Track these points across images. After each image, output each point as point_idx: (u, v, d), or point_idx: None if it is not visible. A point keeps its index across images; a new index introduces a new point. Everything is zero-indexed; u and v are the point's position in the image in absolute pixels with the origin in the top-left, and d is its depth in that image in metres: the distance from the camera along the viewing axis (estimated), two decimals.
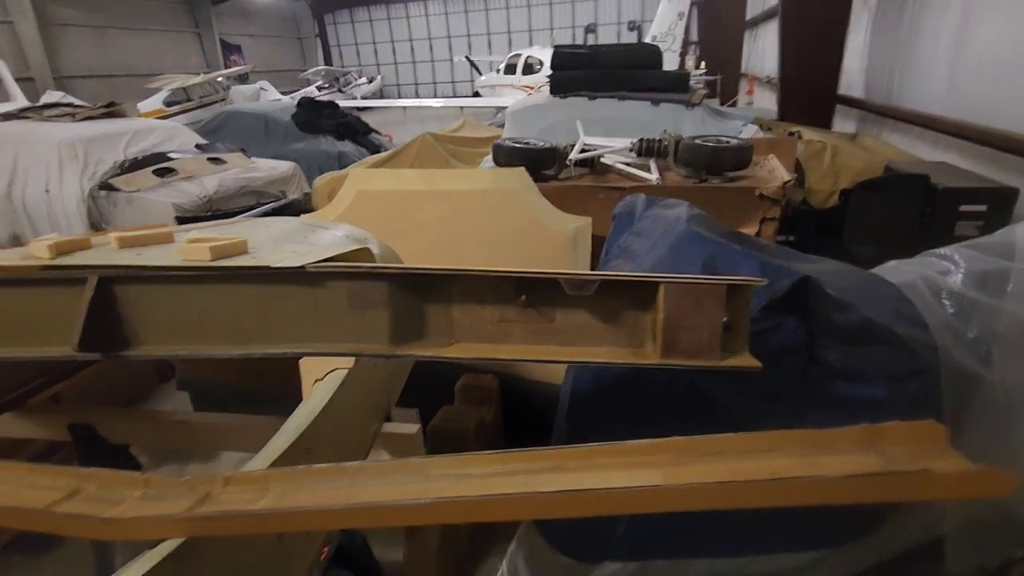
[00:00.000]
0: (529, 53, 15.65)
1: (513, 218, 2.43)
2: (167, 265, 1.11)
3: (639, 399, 1.36)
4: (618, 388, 1.46)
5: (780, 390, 1.28)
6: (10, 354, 1.15)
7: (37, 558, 2.34)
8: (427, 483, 0.66)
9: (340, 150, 7.94)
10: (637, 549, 1.53)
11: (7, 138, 5.16)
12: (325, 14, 28.82)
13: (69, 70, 17.66)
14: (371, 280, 1.11)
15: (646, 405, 1.34)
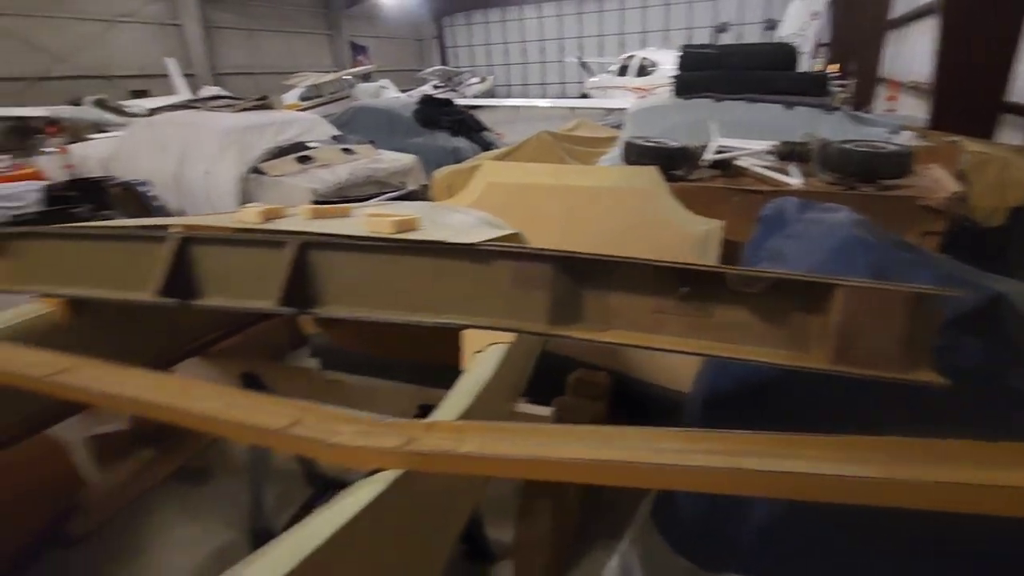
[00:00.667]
0: (643, 55, 15.33)
1: (641, 216, 2.42)
2: (357, 235, 1.24)
3: (787, 408, 1.31)
4: (763, 395, 1.41)
5: (956, 416, 1.18)
6: (222, 304, 1.35)
7: (197, 487, 2.71)
8: (621, 449, 0.69)
9: (455, 146, 8.28)
10: (765, 566, 1.48)
11: (180, 124, 5.94)
12: (444, 17, 30.13)
13: (223, 67, 19.92)
14: (535, 261, 1.17)
15: (796, 414, 1.29)
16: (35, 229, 1.52)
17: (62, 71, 15.81)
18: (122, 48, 17.19)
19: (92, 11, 16.39)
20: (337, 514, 0.72)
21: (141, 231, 1.42)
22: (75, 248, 1.49)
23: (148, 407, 0.92)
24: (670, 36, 24.89)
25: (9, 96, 14.59)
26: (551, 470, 0.71)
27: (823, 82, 4.46)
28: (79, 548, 2.33)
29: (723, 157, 3.06)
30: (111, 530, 2.43)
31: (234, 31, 20.40)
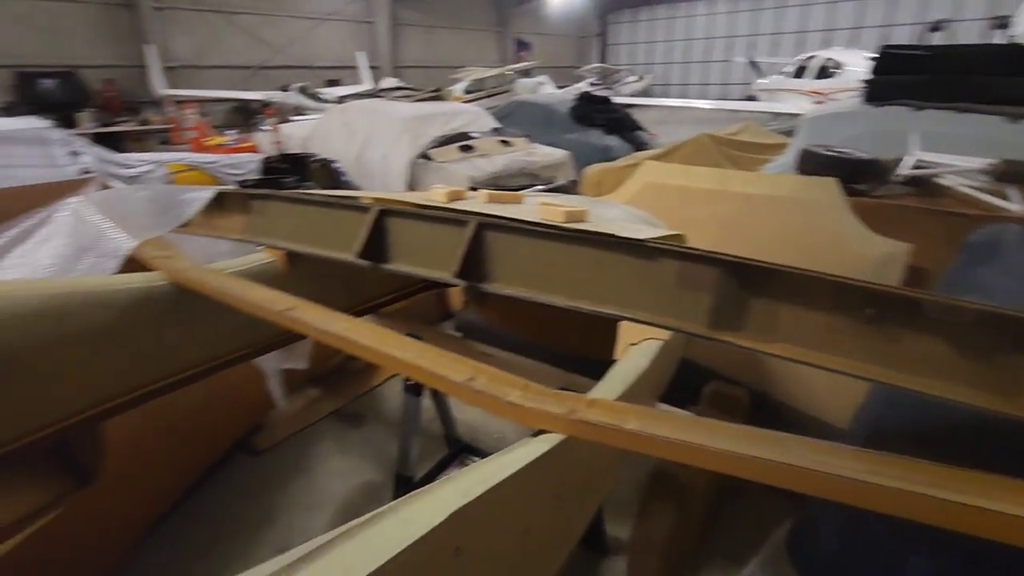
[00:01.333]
0: (827, 55, 13.82)
1: (811, 231, 2.24)
2: (531, 220, 1.34)
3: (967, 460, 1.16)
4: (939, 442, 1.27)
5: None
6: (405, 270, 1.54)
7: (351, 428, 3.09)
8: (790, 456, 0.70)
9: (607, 144, 8.25)
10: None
11: (369, 111, 6.68)
12: (610, 14, 29.89)
13: (402, 61, 21.86)
14: (703, 264, 1.17)
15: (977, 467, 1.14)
16: (272, 192, 1.86)
17: (277, 61, 18.55)
18: (323, 42, 19.66)
19: (306, 10, 18.98)
20: (504, 465, 0.82)
21: (349, 201, 1.67)
22: (297, 211, 1.80)
23: (355, 346, 1.11)
24: (861, 35, 22.07)
25: (237, 82, 17.53)
26: (709, 459, 0.73)
27: None
28: (262, 458, 2.82)
29: (922, 173, 2.68)
30: (285, 449, 2.89)
31: (415, 27, 22.26)
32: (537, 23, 27.33)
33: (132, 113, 14.27)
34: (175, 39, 16.29)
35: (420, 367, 0.99)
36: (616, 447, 0.83)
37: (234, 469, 2.74)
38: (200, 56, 16.92)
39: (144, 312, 1.50)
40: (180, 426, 2.33)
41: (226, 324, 1.69)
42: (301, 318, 1.21)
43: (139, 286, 1.50)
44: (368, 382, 3.43)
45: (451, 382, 0.95)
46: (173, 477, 2.45)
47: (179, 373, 1.63)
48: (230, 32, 17.44)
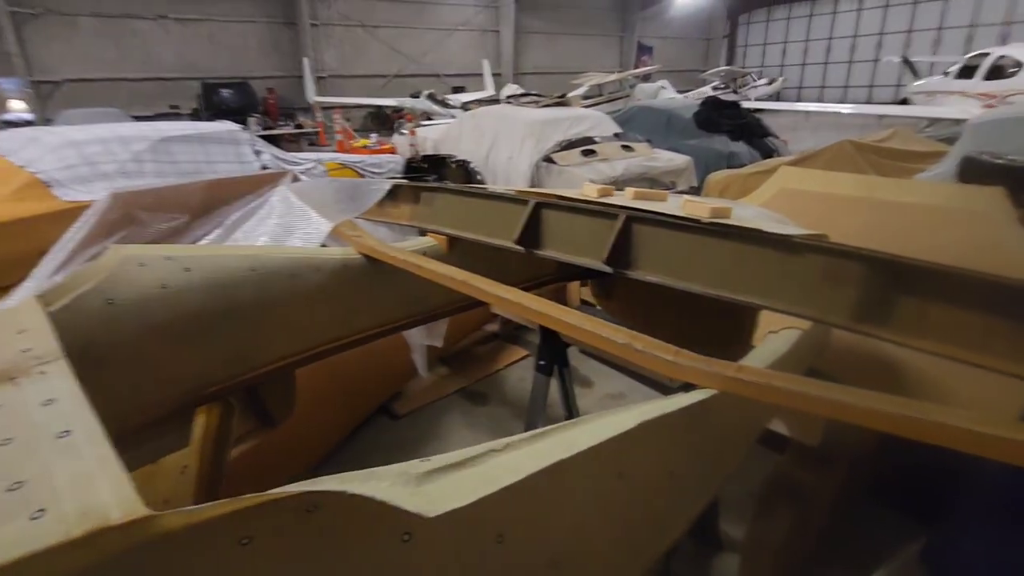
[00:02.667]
0: (1003, 52, 12.11)
1: (971, 245, 2.11)
2: (677, 215, 1.48)
3: None
4: None
5: None
6: (558, 256, 1.74)
7: (476, 406, 3.39)
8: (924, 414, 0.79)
9: (732, 150, 7.99)
10: None
11: (497, 116, 7.09)
12: (741, 14, 28.48)
13: (524, 67, 22.58)
14: (848, 259, 1.24)
15: None
16: (439, 185, 2.16)
17: (411, 70, 20.05)
18: (451, 51, 20.91)
19: (439, 21, 20.32)
20: (659, 407, 0.98)
21: (506, 194, 1.91)
22: (460, 202, 2.08)
23: (525, 311, 1.32)
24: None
25: (374, 90, 19.21)
26: (853, 413, 0.84)
27: None
28: (399, 423, 3.19)
29: None
30: (419, 417, 3.24)
31: (539, 35, 22.88)
32: (661, 27, 26.79)
33: (288, 118, 16.21)
34: (325, 52, 18.24)
35: (587, 330, 1.18)
36: (765, 402, 0.95)
37: (377, 429, 3.13)
38: (345, 66, 18.79)
39: (343, 278, 1.84)
40: (345, 383, 2.74)
41: (400, 295, 2.00)
42: (478, 286, 1.45)
43: (340, 257, 1.86)
44: (492, 366, 3.72)
45: (615, 343, 1.12)
46: (333, 427, 2.87)
47: (363, 332, 1.97)
48: (371, 44, 19.17)
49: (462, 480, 0.67)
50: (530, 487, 0.75)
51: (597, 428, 0.90)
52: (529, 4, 21.54)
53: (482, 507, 0.66)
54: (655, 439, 1.00)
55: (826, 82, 26.43)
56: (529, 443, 0.80)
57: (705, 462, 1.16)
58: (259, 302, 1.65)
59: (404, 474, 0.63)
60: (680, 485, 1.08)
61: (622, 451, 0.93)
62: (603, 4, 24.48)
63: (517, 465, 0.75)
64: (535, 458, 0.76)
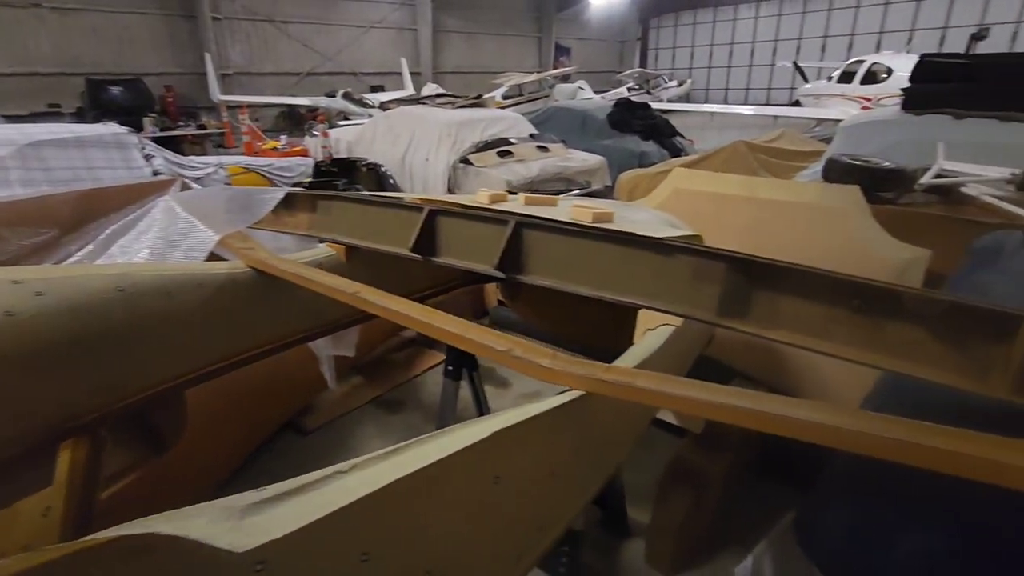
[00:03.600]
0: (875, 59, 13.49)
1: (834, 237, 2.34)
2: (564, 221, 1.53)
3: None
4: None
5: None
6: (453, 262, 1.75)
7: (391, 414, 3.33)
8: (762, 405, 0.87)
9: (643, 150, 8.35)
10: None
11: (412, 118, 7.00)
12: (652, 18, 29.79)
13: (443, 67, 22.38)
14: (712, 259, 1.33)
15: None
16: (336, 193, 2.10)
17: (325, 68, 19.32)
18: (368, 49, 20.36)
19: (354, 18, 19.72)
20: (532, 408, 1.01)
21: (403, 202, 1.89)
22: (357, 210, 2.03)
23: (411, 321, 1.32)
24: (915, 38, 21.36)
25: (286, 88, 18.35)
26: (706, 409, 0.90)
27: None
28: (308, 439, 3.08)
29: (944, 182, 2.73)
30: (330, 430, 3.14)
31: (457, 34, 22.78)
32: (578, 28, 27.49)
33: (190, 118, 15.14)
34: (231, 47, 17.20)
35: (469, 339, 1.19)
36: (629, 401, 1.01)
37: (285, 446, 3.00)
38: (253, 63, 17.81)
39: (229, 294, 1.75)
40: (244, 402, 2.60)
41: (294, 308, 1.93)
42: (368, 298, 1.43)
43: (226, 271, 1.76)
44: (407, 372, 3.67)
45: (495, 350, 1.14)
46: (233, 448, 2.73)
47: (254, 349, 1.88)
48: (281, 40, 18.28)
49: (296, 507, 0.65)
50: (392, 500, 0.75)
51: (469, 434, 0.91)
52: (445, 3, 21.40)
53: (330, 529, 0.65)
54: (533, 440, 1.03)
55: (730, 84, 28.22)
56: (387, 457, 0.80)
57: (588, 459, 1.21)
58: (130, 324, 1.53)
59: (228, 508, 0.60)
60: (563, 484, 1.12)
61: (497, 454, 0.95)
62: (520, 5, 24.76)
63: (375, 479, 0.75)
64: (394, 471, 0.76)
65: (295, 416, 3.16)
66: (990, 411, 1.15)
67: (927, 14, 21.66)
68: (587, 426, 1.17)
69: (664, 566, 2.20)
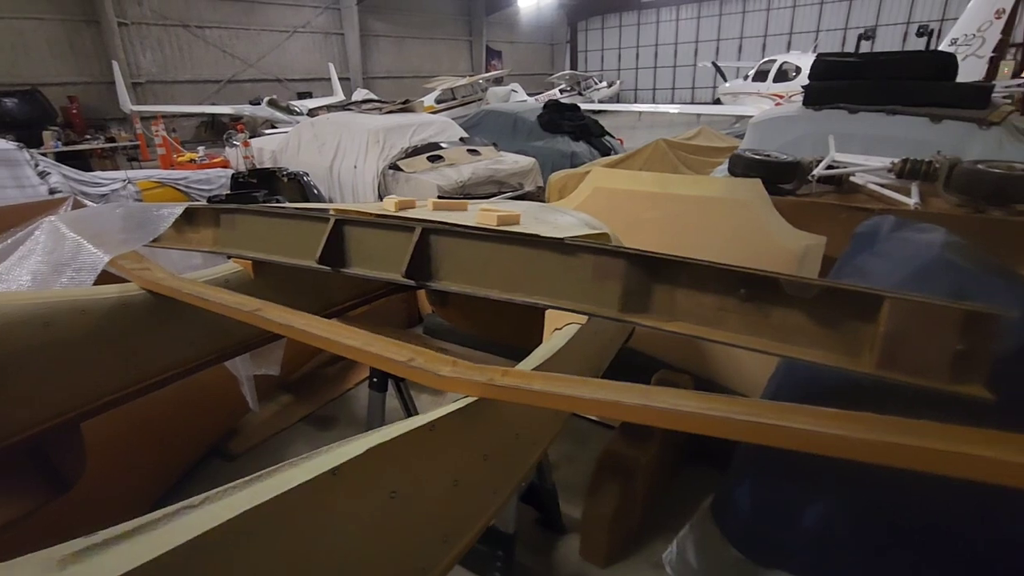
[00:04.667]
0: (785, 59, 14.38)
1: (740, 228, 2.47)
2: (468, 225, 1.52)
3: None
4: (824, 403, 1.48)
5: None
6: (362, 273, 1.71)
7: (322, 431, 3.22)
8: (649, 400, 0.88)
9: (574, 150, 8.50)
10: (813, 566, 1.53)
11: (337, 124, 6.81)
12: (579, 21, 30.46)
13: (373, 72, 21.97)
14: (612, 257, 1.36)
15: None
16: (239, 206, 2.01)
17: (248, 75, 18.53)
18: (294, 55, 19.70)
19: (276, 23, 19.01)
20: (425, 417, 1.00)
21: (309, 212, 1.83)
22: (263, 223, 1.95)
23: (312, 338, 1.27)
24: (820, 38, 22.97)
25: (206, 96, 17.47)
26: (596, 407, 0.91)
27: (985, 94, 4.02)
28: (236, 463, 2.92)
29: (834, 173, 2.94)
30: (258, 453, 3.00)
31: (386, 38, 22.42)
32: (508, 32, 27.71)
33: (98, 131, 14.11)
34: (141, 54, 16.18)
35: (367, 351, 1.16)
36: (526, 405, 1.01)
37: (209, 473, 2.84)
38: (168, 71, 16.83)
39: (121, 319, 1.63)
40: (157, 430, 2.44)
41: (197, 330, 1.83)
42: (267, 316, 1.37)
43: (115, 295, 1.64)
44: (340, 387, 3.56)
45: (393, 361, 1.12)
46: (150, 481, 2.55)
47: (155, 376, 1.76)
48: (198, 46, 17.39)
49: (124, 552, 0.60)
50: (248, 532, 0.70)
51: (356, 448, 0.89)
52: (372, 7, 21.02)
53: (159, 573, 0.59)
54: (432, 449, 1.01)
55: (657, 85, 29.28)
56: (255, 482, 0.76)
57: (497, 462, 1.20)
58: (3, 359, 1.40)
59: (47, 559, 0.55)
60: (468, 491, 1.10)
61: (392, 467, 0.93)
62: (449, 8, 24.68)
63: (225, 511, 0.70)
64: (251, 499, 0.72)
65: (220, 441, 3.00)
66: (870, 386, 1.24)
67: (829, 16, 23.38)
68: (493, 429, 1.16)
69: (599, 559, 2.23)
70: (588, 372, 1.70)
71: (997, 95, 4.60)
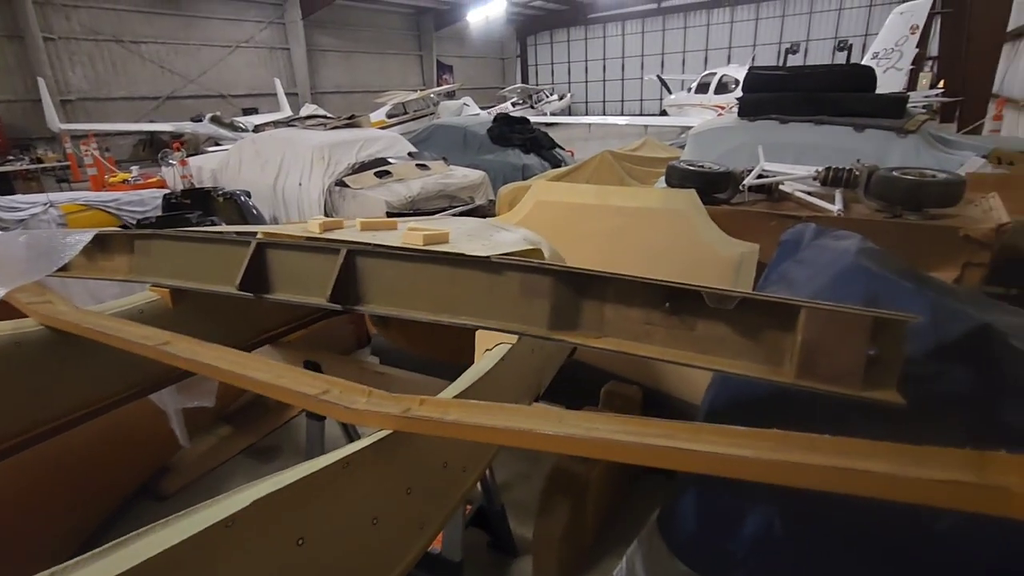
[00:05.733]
0: (724, 72, 14.99)
1: (678, 238, 2.51)
2: (392, 245, 1.47)
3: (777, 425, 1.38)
4: (756, 411, 1.49)
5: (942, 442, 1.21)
6: (286, 298, 1.62)
7: (265, 463, 3.07)
8: (565, 427, 0.85)
9: (525, 163, 8.55)
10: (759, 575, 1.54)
11: (280, 141, 6.63)
12: (528, 36, 30.96)
13: (322, 87, 21.61)
14: (539, 274, 1.34)
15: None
16: (154, 232, 1.89)
17: (189, 91, 17.89)
18: (237, 70, 19.16)
19: (217, 38, 18.46)
20: (332, 455, 0.94)
21: (229, 236, 1.73)
22: (180, 248, 1.84)
23: (220, 373, 1.18)
24: (757, 52, 24.16)
25: (144, 113, 16.75)
26: (510, 437, 0.87)
27: (901, 104, 4.28)
28: (168, 503, 2.74)
29: (764, 182, 3.05)
30: (194, 492, 2.82)
31: (334, 53, 22.12)
32: (458, 46, 27.84)
33: (23, 151, 13.28)
34: (70, 70, 15.38)
35: (276, 386, 1.09)
36: (442, 436, 0.96)
37: (137, 515, 2.65)
38: (100, 88, 16.06)
39: (14, 359, 1.49)
40: (72, 475, 2.26)
41: (107, 365, 1.69)
42: (172, 351, 1.27)
43: (7, 333, 1.50)
44: (283, 415, 3.40)
45: (303, 395, 1.05)
46: (70, 527, 2.35)
47: (60, 418, 1.62)
48: (134, 62, 16.67)
49: None
50: None
51: (259, 492, 0.82)
52: (319, 22, 20.72)
53: None
54: (345, 488, 0.95)
55: (606, 97, 30.01)
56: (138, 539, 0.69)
57: (424, 494, 1.15)
58: None
59: None
60: (390, 528, 1.04)
61: (300, 510, 0.86)
62: (398, 23, 24.61)
63: (126, 562, 0.63)
64: (130, 559, 0.65)
65: (152, 479, 2.80)
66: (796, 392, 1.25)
67: (764, 31, 24.65)
68: (416, 460, 1.11)
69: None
70: (524, 392, 1.67)
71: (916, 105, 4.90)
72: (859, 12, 22.36)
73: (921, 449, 0.68)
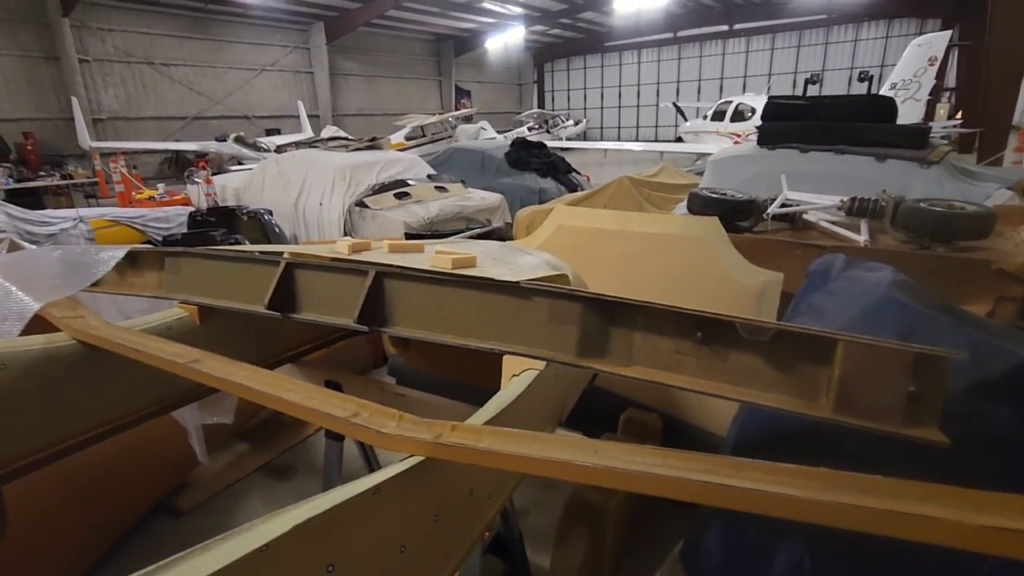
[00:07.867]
0: (740, 100, 15.10)
1: (699, 266, 2.49)
2: (422, 268, 1.48)
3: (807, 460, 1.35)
4: (785, 445, 1.46)
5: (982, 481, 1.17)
6: (313, 318, 1.64)
7: (280, 482, 3.05)
8: (602, 459, 0.84)
9: (541, 187, 8.62)
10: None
11: (303, 161, 6.76)
12: (546, 62, 31.52)
13: (343, 109, 22.11)
14: (568, 300, 1.34)
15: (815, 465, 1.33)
16: (184, 250, 1.92)
17: (215, 112, 18.41)
18: (262, 92, 19.71)
19: (244, 61, 19.05)
20: (363, 482, 0.93)
21: (259, 256, 1.76)
22: (210, 267, 1.87)
23: (249, 392, 1.19)
24: (772, 81, 24.33)
25: (171, 132, 17.24)
26: (544, 468, 0.86)
27: (924, 135, 4.26)
28: (183, 520, 2.73)
29: (788, 211, 3.04)
30: (208, 509, 2.81)
31: (356, 77, 22.69)
32: (477, 72, 28.41)
33: (55, 167, 13.70)
34: (103, 90, 15.94)
35: (306, 407, 1.09)
36: (475, 465, 0.95)
37: (153, 533, 2.64)
38: (131, 107, 16.59)
39: (46, 372, 1.52)
40: (93, 490, 2.26)
41: (135, 381, 1.71)
42: (203, 369, 1.28)
43: (40, 347, 1.53)
44: (301, 432, 3.40)
45: (334, 418, 1.05)
46: (86, 544, 2.35)
47: (86, 432, 1.63)
48: (164, 83, 17.24)
49: None
50: None
51: (292, 519, 0.81)
52: (342, 47, 21.30)
53: None
54: (376, 514, 0.94)
55: (621, 123, 30.30)
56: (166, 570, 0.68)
57: (451, 522, 1.13)
58: None
59: None
60: (417, 557, 1.03)
61: (330, 537, 0.85)
62: (419, 50, 25.22)
63: None
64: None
65: (167, 496, 2.80)
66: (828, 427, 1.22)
67: (780, 61, 24.84)
68: (444, 487, 1.10)
69: None
70: (549, 419, 1.65)
71: (935, 136, 4.89)
72: (875, 43, 22.49)
73: (981, 494, 0.66)
